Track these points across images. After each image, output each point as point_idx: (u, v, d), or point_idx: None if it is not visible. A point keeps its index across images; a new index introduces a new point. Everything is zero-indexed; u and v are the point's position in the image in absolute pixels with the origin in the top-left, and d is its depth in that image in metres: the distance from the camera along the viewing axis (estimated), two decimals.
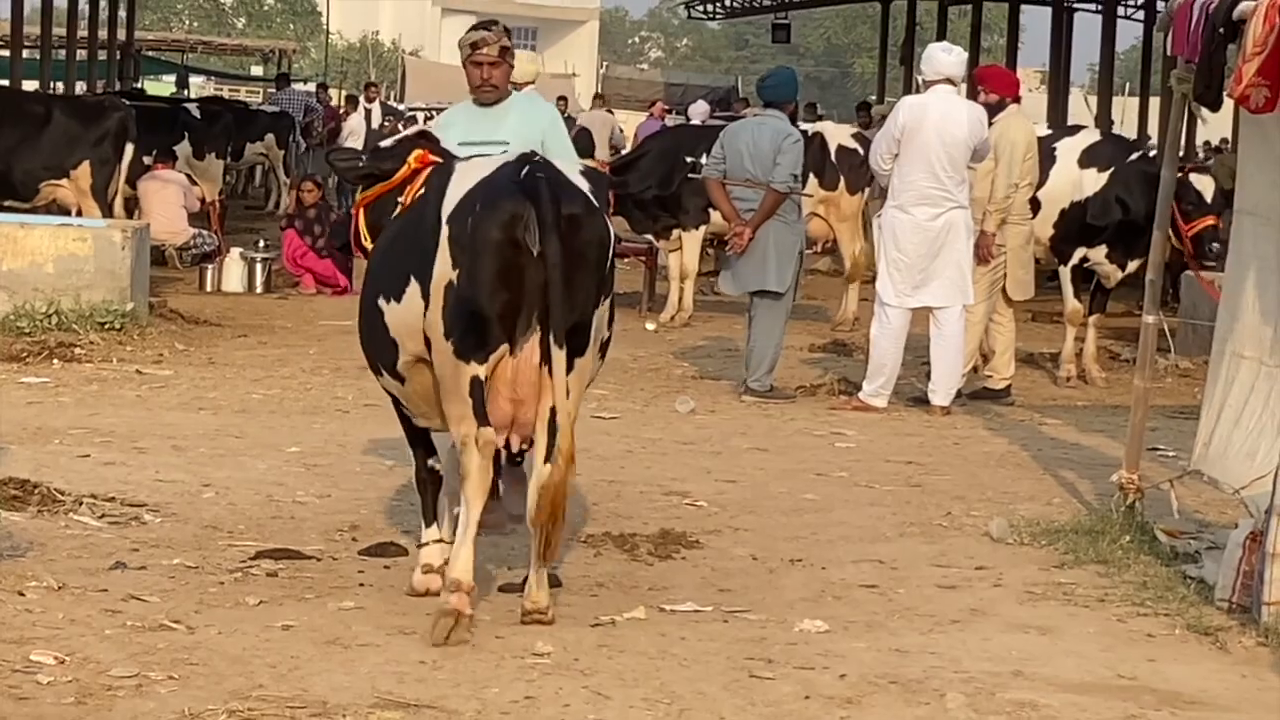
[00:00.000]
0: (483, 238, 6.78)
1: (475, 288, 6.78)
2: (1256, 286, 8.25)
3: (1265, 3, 7.53)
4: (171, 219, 19.30)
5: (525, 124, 8.58)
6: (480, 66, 8.58)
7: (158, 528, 8.32)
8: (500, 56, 8.57)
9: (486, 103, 8.62)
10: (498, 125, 8.55)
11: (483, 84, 8.58)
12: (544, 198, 6.74)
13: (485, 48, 8.55)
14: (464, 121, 8.65)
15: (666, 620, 7.17)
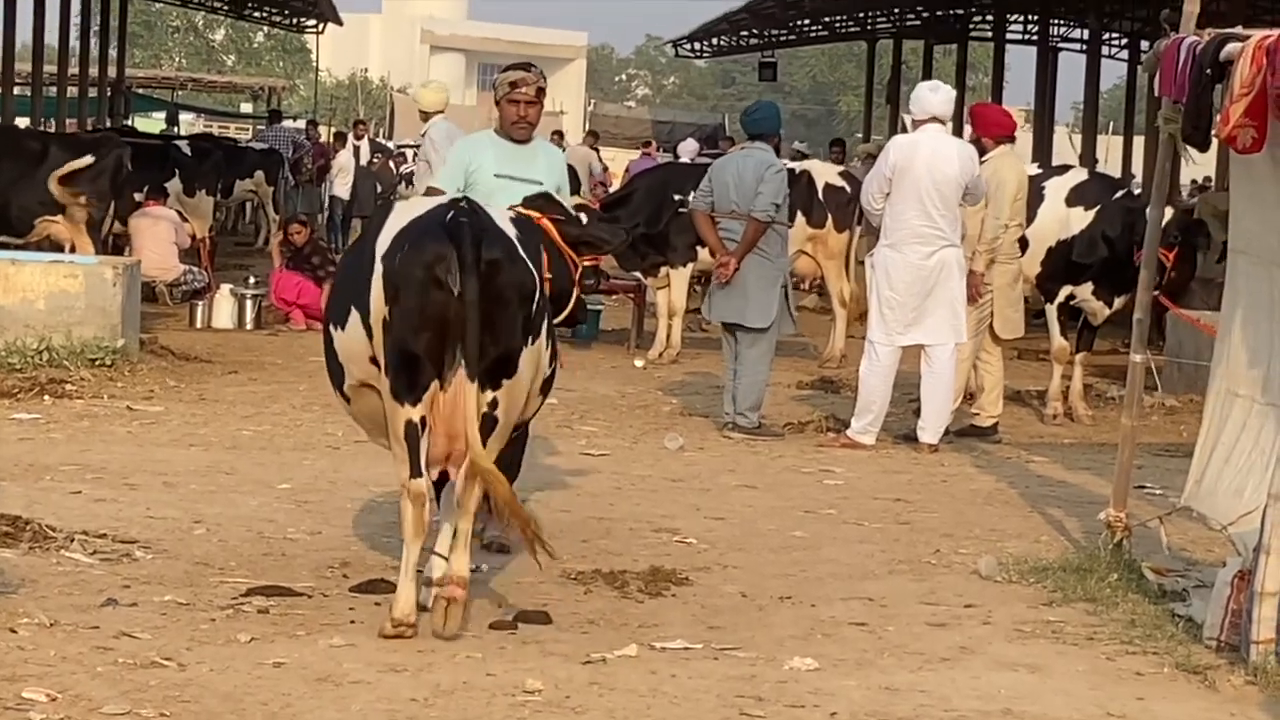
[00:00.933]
0: (407, 276, 7.19)
1: (403, 324, 7.20)
2: (1249, 325, 8.28)
3: (1252, 44, 7.58)
4: (162, 255, 19.33)
5: (549, 166, 9.19)
6: (517, 104, 9.10)
7: (149, 564, 8.30)
8: (536, 97, 9.11)
9: (519, 140, 9.14)
10: (530, 164, 9.09)
11: (519, 120, 9.10)
12: (466, 241, 7.16)
13: (524, 87, 9.08)
14: (495, 155, 9.12)
15: (657, 657, 7.17)
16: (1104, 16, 35.69)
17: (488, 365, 7.24)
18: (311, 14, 44.48)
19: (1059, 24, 38.62)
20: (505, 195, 8.74)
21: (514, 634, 7.41)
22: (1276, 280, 8.07)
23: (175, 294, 19.58)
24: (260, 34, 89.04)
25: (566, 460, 11.51)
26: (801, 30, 46.23)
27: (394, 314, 7.22)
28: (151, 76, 56.94)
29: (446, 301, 7.15)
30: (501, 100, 9.16)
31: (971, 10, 40.28)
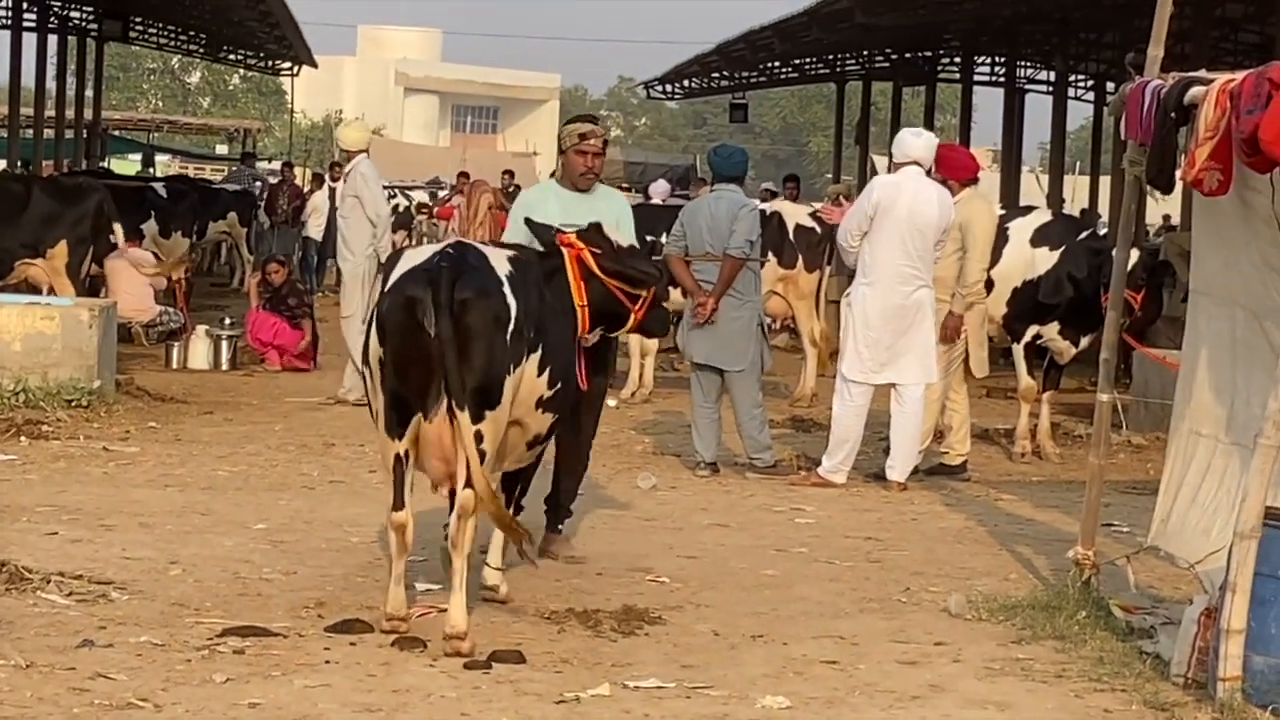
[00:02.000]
0: (391, 320, 7.83)
1: (392, 364, 7.81)
2: (1212, 365, 8.34)
3: (1216, 87, 7.66)
4: (138, 297, 19.36)
5: (611, 210, 9.49)
6: (585, 155, 9.59)
7: (125, 605, 8.30)
8: (603, 149, 9.64)
9: (583, 189, 9.61)
10: (593, 211, 9.33)
11: (586, 171, 9.59)
12: (441, 283, 7.70)
13: (593, 139, 9.60)
14: (559, 204, 9.50)
15: (630, 696, 7.18)
16: (1070, 59, 35.84)
17: (470, 398, 7.72)
18: (286, 56, 44.58)
19: (1025, 66, 38.79)
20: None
21: (488, 673, 7.42)
22: (1239, 320, 8.13)
23: (151, 335, 19.61)
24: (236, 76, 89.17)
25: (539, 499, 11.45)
26: (772, 72, 46.39)
27: (386, 355, 7.82)
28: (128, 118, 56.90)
29: (426, 341, 7.65)
30: (569, 150, 9.59)
31: (939, 52, 40.54)
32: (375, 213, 15.74)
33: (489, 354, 7.82)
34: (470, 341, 7.74)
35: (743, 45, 39.62)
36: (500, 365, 7.86)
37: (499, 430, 7.98)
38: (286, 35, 38.95)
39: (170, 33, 43.66)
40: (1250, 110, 7.25)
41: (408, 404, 7.83)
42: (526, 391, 8.15)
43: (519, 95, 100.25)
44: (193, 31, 43.18)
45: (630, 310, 8.96)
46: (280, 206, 29.89)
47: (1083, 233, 14.90)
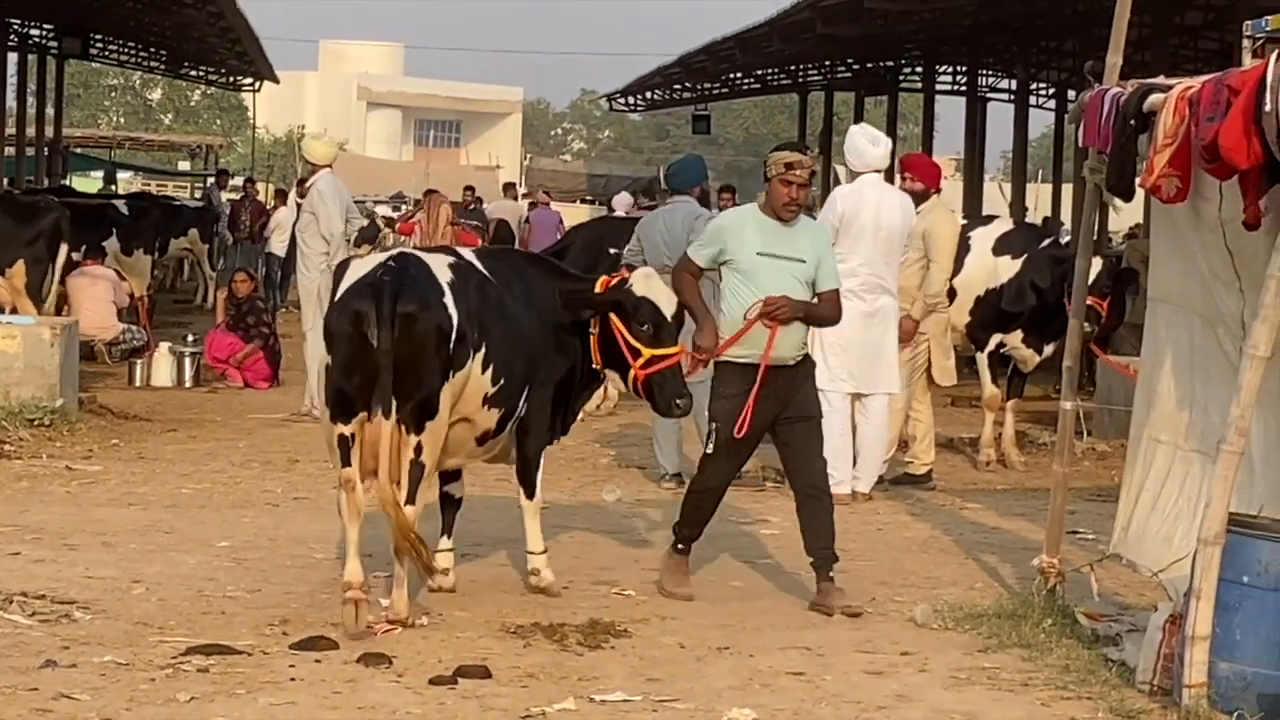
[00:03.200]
0: (335, 330, 8.34)
1: (338, 369, 8.30)
2: (1171, 372, 8.35)
3: (1174, 94, 7.67)
4: (101, 315, 19.27)
5: (813, 243, 9.28)
6: (790, 186, 9.16)
7: (88, 625, 8.27)
8: (809, 180, 9.23)
9: (785, 220, 9.21)
10: (794, 242, 9.19)
11: (790, 202, 9.18)
12: (384, 297, 8.14)
13: (799, 170, 9.15)
14: (758, 232, 9.20)
15: (596, 710, 7.18)
16: (1031, 67, 35.94)
17: (411, 409, 8.23)
18: (248, 72, 44.48)
19: (987, 74, 38.88)
20: (766, 273, 9.12)
21: (453, 689, 7.40)
22: (1197, 328, 8.14)
23: (114, 353, 19.51)
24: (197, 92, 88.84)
25: (503, 513, 11.42)
26: (734, 83, 46.43)
27: (333, 362, 8.32)
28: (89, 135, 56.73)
29: (369, 352, 8.15)
30: (774, 179, 9.17)
31: (901, 62, 40.60)
32: (329, 230, 15.63)
33: (428, 367, 8.26)
34: (410, 355, 8.19)
35: (704, 57, 39.64)
36: (439, 377, 8.30)
37: (438, 439, 8.41)
38: (248, 51, 38.85)
39: (131, 49, 43.52)
40: (1210, 117, 7.25)
41: (352, 402, 8.29)
42: (472, 390, 8.54)
43: (481, 109, 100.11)
44: (153, 48, 43.03)
45: (629, 363, 9.06)
46: (243, 223, 29.76)
47: (1045, 241, 14.93)
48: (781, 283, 9.10)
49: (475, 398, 8.58)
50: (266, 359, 18.62)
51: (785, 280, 9.12)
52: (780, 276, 9.12)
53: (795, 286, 9.13)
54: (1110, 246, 24.27)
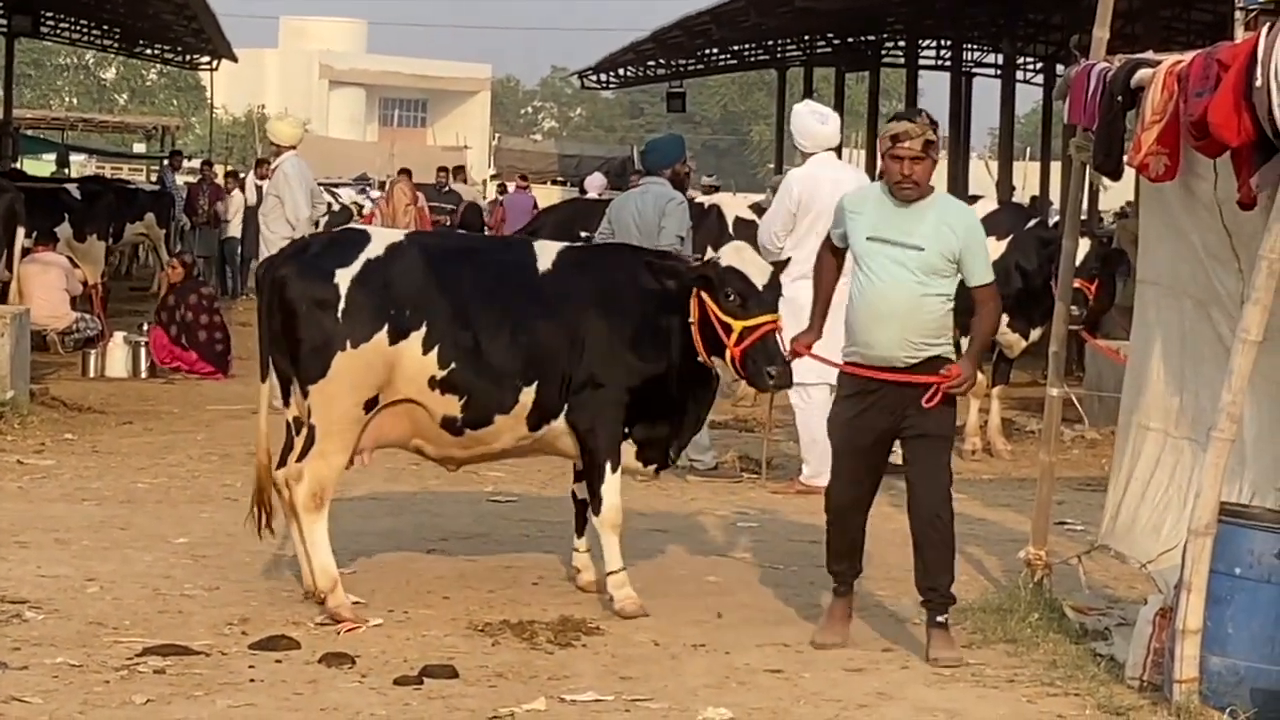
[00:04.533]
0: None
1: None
2: (1161, 357, 8.28)
3: (1163, 70, 7.55)
4: (53, 303, 18.97)
5: (941, 228, 8.05)
6: (901, 161, 8.00)
7: (40, 625, 8.15)
8: (924, 151, 7.99)
9: (906, 200, 8.06)
10: (914, 226, 8.04)
11: (903, 180, 7.99)
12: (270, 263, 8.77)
13: (908, 141, 7.97)
14: (875, 214, 8.13)
15: (567, 711, 7.09)
16: (1017, 41, 35.92)
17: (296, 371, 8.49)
18: (205, 50, 44.19)
19: (972, 49, 38.83)
20: (874, 261, 8.10)
21: (419, 689, 7.31)
22: (1188, 312, 8.07)
23: (67, 342, 19.20)
24: (153, 72, 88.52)
25: (472, 507, 11.37)
26: (710, 59, 46.35)
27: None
28: (41, 117, 56.40)
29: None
30: (884, 156, 8.07)
31: (883, 36, 40.40)
32: (294, 215, 15.43)
33: (300, 328, 8.43)
34: (284, 316, 8.47)
35: (679, 32, 39.46)
36: (320, 344, 8.41)
37: (331, 406, 8.44)
38: (205, 28, 38.58)
39: (83, 27, 43.23)
40: (1199, 93, 7.15)
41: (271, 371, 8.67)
42: (412, 370, 8.46)
43: (448, 87, 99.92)
44: (107, 26, 42.75)
45: (725, 344, 8.57)
46: (201, 206, 29.41)
47: (1031, 221, 14.73)
48: (888, 273, 8.02)
49: (418, 379, 8.48)
50: (207, 357, 18.18)
51: (893, 270, 8.02)
52: (887, 266, 8.04)
53: (904, 278, 8.00)
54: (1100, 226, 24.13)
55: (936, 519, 8.11)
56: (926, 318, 8.02)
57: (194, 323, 18.18)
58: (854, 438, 8.19)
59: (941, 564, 8.08)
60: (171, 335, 18.11)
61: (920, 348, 8.03)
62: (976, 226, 8.23)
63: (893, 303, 8.00)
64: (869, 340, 8.08)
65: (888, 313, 8.00)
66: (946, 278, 8.04)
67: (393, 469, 12.84)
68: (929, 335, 8.03)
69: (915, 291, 7.99)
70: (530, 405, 8.62)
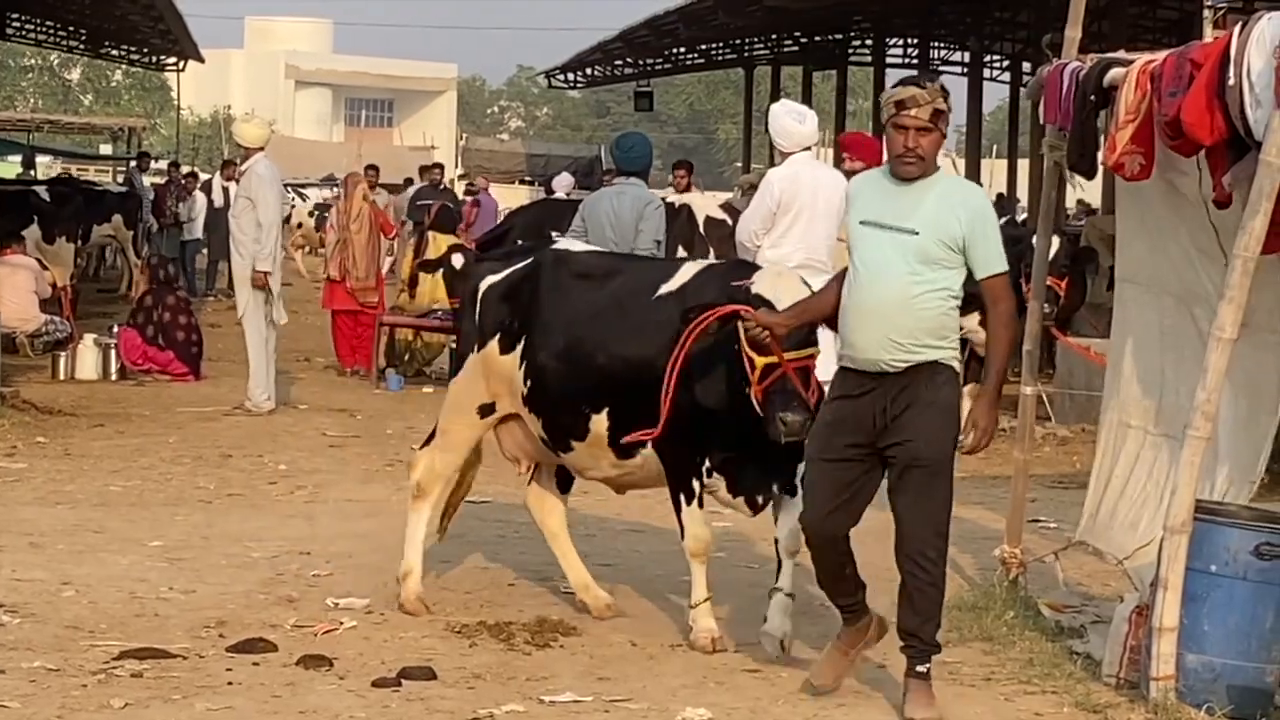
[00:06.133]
0: None
1: None
2: (1139, 354, 8.28)
3: (1136, 69, 7.55)
4: (22, 305, 18.84)
5: (942, 211, 7.07)
6: (905, 132, 7.05)
7: (16, 629, 8.11)
8: (932, 121, 7.04)
9: (908, 177, 7.10)
10: (912, 209, 7.08)
11: (905, 153, 7.05)
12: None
13: (914, 109, 7.03)
14: (872, 196, 7.21)
15: (546, 712, 7.06)
16: (984, 39, 35.90)
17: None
18: (172, 51, 43.96)
19: (939, 47, 38.81)
20: (865, 246, 7.16)
21: (398, 691, 7.28)
22: (1167, 309, 8.06)
23: (36, 345, 19.07)
24: (118, 72, 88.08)
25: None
26: (677, 58, 46.23)
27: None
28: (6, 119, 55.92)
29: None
30: (887, 125, 7.12)
31: (850, 34, 40.36)
32: (266, 218, 15.35)
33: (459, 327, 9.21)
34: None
35: (647, 31, 39.38)
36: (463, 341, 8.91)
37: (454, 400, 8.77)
38: (171, 29, 38.37)
39: (49, 28, 42.95)
40: (1172, 92, 7.17)
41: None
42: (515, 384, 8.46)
43: (414, 87, 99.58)
44: (72, 26, 42.47)
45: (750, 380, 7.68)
46: (169, 208, 29.21)
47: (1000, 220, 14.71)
48: (877, 262, 7.08)
49: (516, 393, 8.51)
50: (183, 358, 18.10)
51: (884, 256, 7.07)
52: (878, 254, 7.10)
53: (895, 268, 7.07)
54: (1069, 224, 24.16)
55: (922, 557, 7.15)
56: (920, 315, 7.07)
57: (171, 323, 18.10)
58: (826, 447, 7.24)
59: (926, 609, 7.16)
60: (148, 336, 18.02)
61: (912, 350, 7.09)
62: (985, 208, 7.23)
63: (879, 296, 7.07)
64: (854, 340, 7.18)
65: (873, 308, 7.08)
66: (948, 269, 7.08)
67: (367, 470, 12.84)
68: (923, 336, 7.10)
69: (906, 284, 7.04)
70: (605, 433, 8.21)
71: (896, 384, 7.10)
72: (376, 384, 17.76)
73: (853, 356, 7.21)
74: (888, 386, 7.11)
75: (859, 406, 7.15)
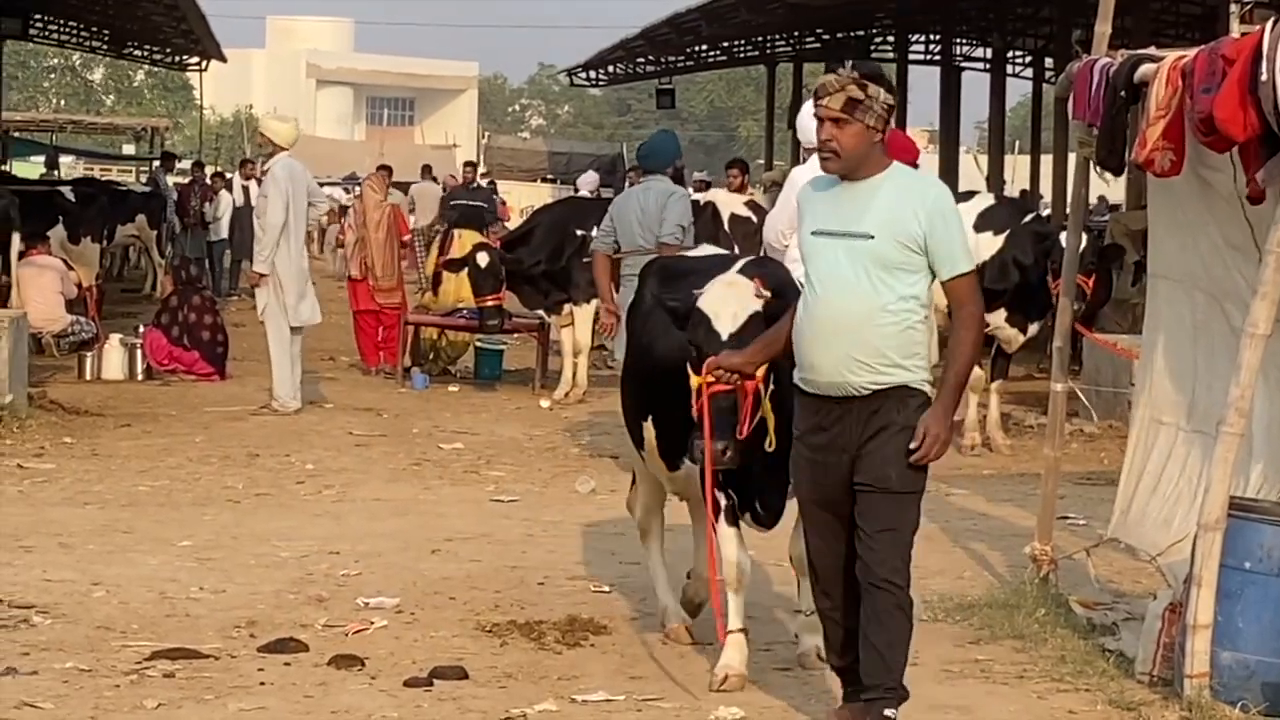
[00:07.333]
0: None
1: None
2: (1171, 350, 8.22)
3: (1166, 65, 7.50)
4: (48, 306, 18.81)
5: (897, 209, 6.38)
6: (821, 124, 6.43)
7: (48, 630, 8.09)
8: (846, 112, 6.36)
9: (850, 176, 6.44)
10: (863, 210, 6.40)
11: (821, 146, 6.43)
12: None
13: (824, 97, 6.41)
14: (822, 203, 6.53)
15: (578, 711, 7.04)
16: (1007, 34, 35.79)
17: None
18: (194, 51, 43.99)
19: (961, 43, 38.69)
20: (818, 259, 6.46)
21: (430, 691, 7.26)
22: (1199, 304, 8.01)
23: (62, 345, 19.04)
24: (140, 72, 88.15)
25: (475, 507, 11.31)
26: (699, 56, 46.12)
27: None
28: (29, 119, 56.03)
29: None
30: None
31: (873, 31, 40.26)
32: (270, 221, 15.24)
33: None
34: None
35: (668, 29, 39.31)
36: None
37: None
38: (194, 29, 38.40)
39: (72, 29, 43.00)
40: (1205, 89, 7.10)
41: None
42: None
43: (436, 85, 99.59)
44: (95, 27, 42.53)
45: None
46: (193, 208, 29.19)
47: (1026, 216, 14.70)
48: (833, 273, 6.40)
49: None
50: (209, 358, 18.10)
51: (838, 269, 6.40)
52: (833, 264, 6.42)
53: (852, 278, 6.38)
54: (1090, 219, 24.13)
55: (888, 583, 6.45)
56: (885, 330, 6.35)
57: (198, 323, 18.09)
58: (817, 484, 6.57)
59: (890, 646, 6.46)
60: (173, 336, 18.02)
61: (879, 370, 6.37)
62: (944, 202, 6.50)
63: (838, 311, 6.37)
64: (812, 361, 6.44)
65: (831, 326, 6.37)
66: (911, 273, 6.37)
67: (394, 469, 12.84)
68: (890, 354, 6.37)
69: (866, 295, 6.34)
70: (654, 443, 7.91)
71: (866, 408, 6.39)
72: (402, 383, 17.76)
73: (813, 380, 6.47)
74: (858, 412, 6.40)
75: (830, 439, 6.47)
